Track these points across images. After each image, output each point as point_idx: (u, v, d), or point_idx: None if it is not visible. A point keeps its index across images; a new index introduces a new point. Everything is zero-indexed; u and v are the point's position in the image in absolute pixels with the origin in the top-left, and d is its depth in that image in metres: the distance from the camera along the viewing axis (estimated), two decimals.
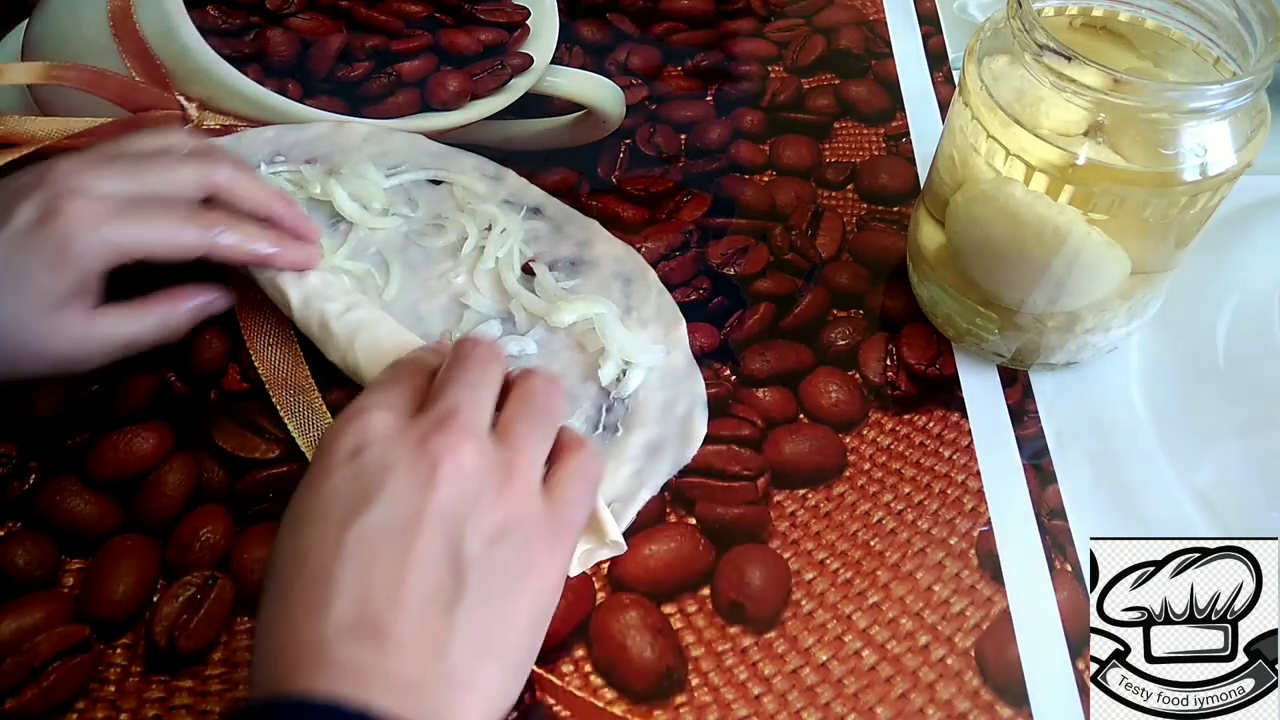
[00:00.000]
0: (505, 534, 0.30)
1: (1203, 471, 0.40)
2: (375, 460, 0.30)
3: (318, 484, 0.30)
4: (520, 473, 0.31)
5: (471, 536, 0.29)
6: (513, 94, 0.54)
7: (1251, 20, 0.34)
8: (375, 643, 0.27)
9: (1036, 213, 0.36)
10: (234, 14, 0.57)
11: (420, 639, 0.27)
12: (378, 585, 0.28)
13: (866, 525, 0.39)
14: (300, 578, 0.28)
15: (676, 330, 0.43)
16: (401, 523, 0.29)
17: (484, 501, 0.30)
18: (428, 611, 0.28)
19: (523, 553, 0.30)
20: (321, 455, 0.31)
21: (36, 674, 0.34)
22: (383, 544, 0.28)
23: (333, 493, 0.29)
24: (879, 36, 0.58)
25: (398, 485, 0.29)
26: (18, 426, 0.40)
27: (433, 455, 0.30)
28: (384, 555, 0.28)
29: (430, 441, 0.30)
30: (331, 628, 0.27)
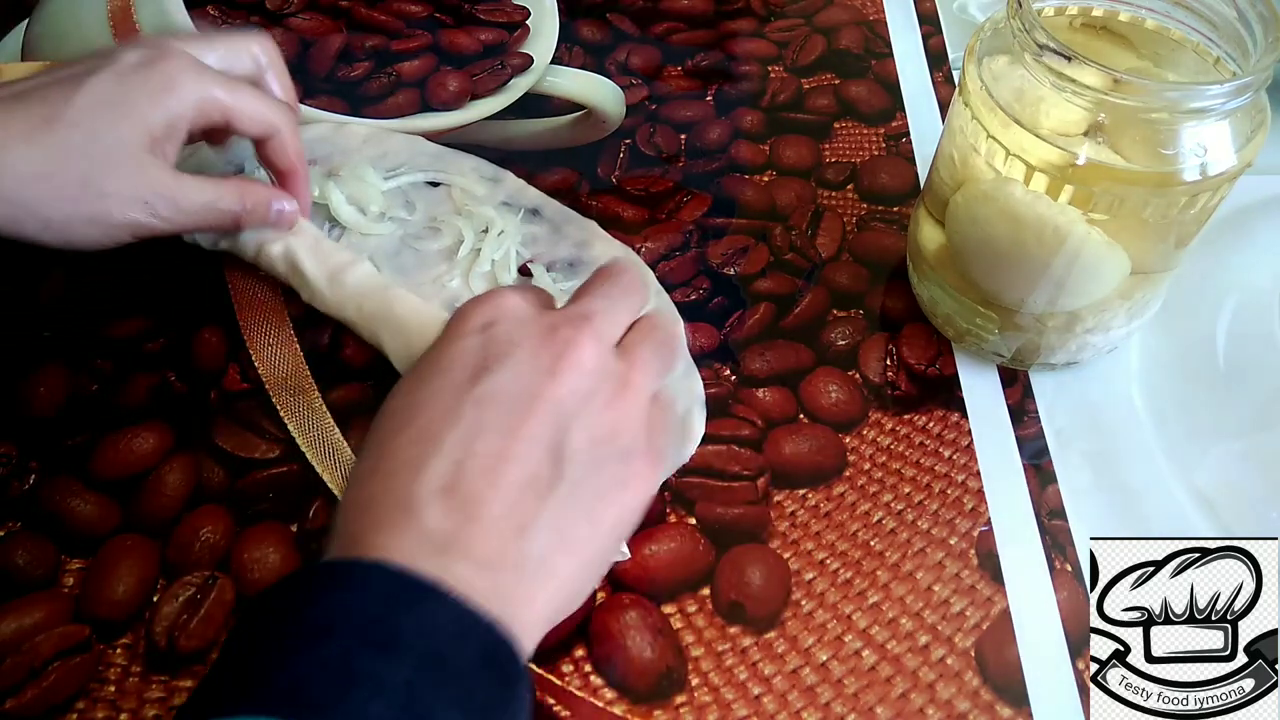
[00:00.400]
0: (609, 440, 0.30)
1: (1203, 471, 0.40)
2: (504, 334, 0.31)
3: (444, 346, 0.31)
4: (634, 388, 0.32)
5: (578, 432, 0.30)
6: (513, 94, 0.54)
7: (1251, 20, 0.34)
8: (465, 513, 0.28)
9: (1036, 213, 0.36)
10: (234, 14, 0.57)
11: (507, 519, 0.28)
12: (480, 455, 0.28)
13: (866, 525, 0.39)
14: (406, 430, 0.29)
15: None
16: (517, 398, 0.29)
17: (596, 403, 0.30)
18: (520, 494, 0.28)
19: (621, 463, 0.31)
20: (453, 323, 0.32)
21: (36, 674, 0.34)
22: (495, 414, 0.29)
23: (458, 355, 0.31)
24: (879, 36, 0.58)
25: (521, 362, 0.30)
26: (18, 426, 0.40)
27: (560, 344, 0.31)
28: (492, 426, 0.29)
29: (560, 332, 0.31)
30: (425, 488, 0.28)
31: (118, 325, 0.43)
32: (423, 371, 0.31)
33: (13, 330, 0.43)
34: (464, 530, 0.27)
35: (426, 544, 0.27)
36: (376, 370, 0.42)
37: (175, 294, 0.45)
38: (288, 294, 0.45)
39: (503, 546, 0.28)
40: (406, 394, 0.31)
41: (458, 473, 0.28)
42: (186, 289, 0.45)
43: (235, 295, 0.44)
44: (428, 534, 0.27)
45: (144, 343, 0.43)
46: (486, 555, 0.28)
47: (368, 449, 0.30)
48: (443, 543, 0.27)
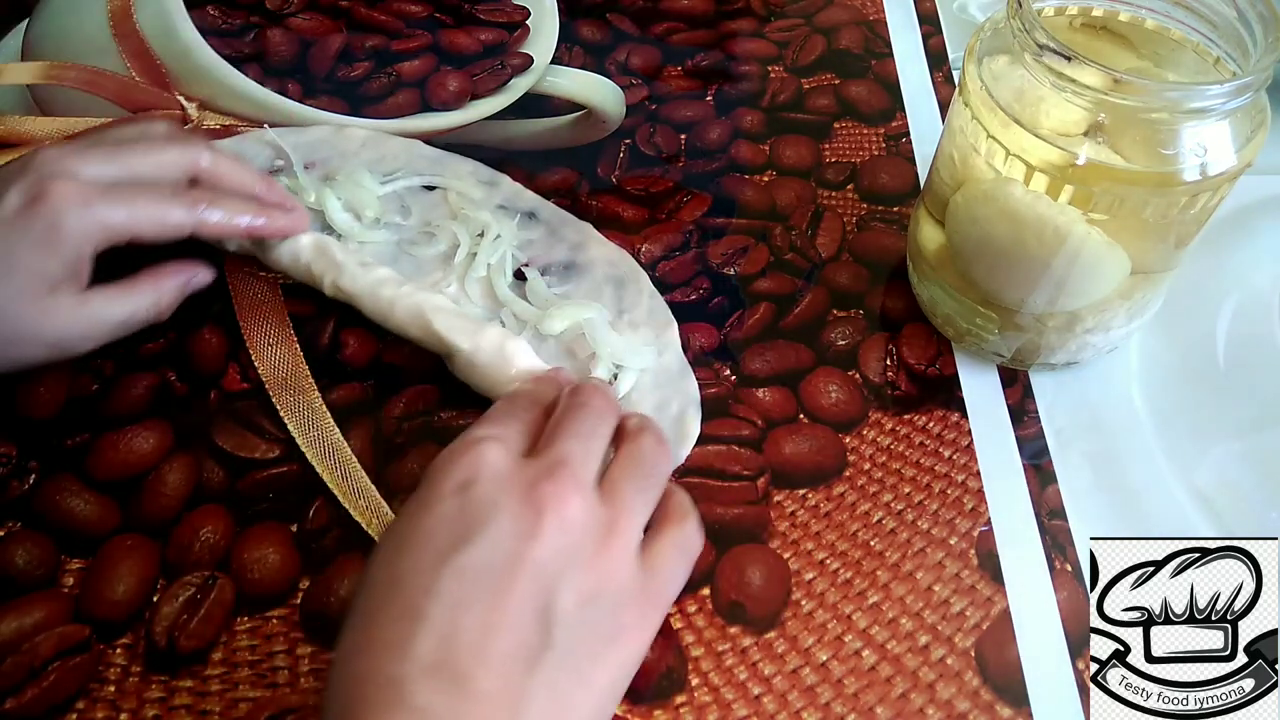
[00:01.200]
0: (598, 596, 0.29)
1: (1203, 471, 0.40)
2: (483, 497, 0.30)
3: (423, 511, 0.30)
4: (621, 535, 0.31)
5: (565, 593, 0.29)
6: (513, 94, 0.54)
7: (1251, 20, 0.34)
8: (455, 690, 0.27)
9: (1036, 213, 0.36)
10: (234, 14, 0.57)
11: (500, 692, 0.27)
12: (466, 628, 0.27)
13: (866, 525, 0.39)
14: (390, 607, 0.28)
15: (668, 332, 0.43)
16: (500, 565, 0.28)
17: (582, 559, 0.29)
18: (511, 665, 0.27)
19: (613, 618, 0.30)
20: (431, 482, 0.31)
21: (36, 674, 0.34)
22: (478, 585, 0.28)
23: (437, 523, 0.29)
24: (879, 36, 0.58)
25: (502, 526, 0.29)
26: (18, 426, 0.40)
27: (540, 502, 0.29)
28: (477, 597, 0.28)
29: (539, 488, 0.30)
30: (413, 666, 0.27)
31: None
32: (401, 539, 0.30)
33: None
34: (455, 709, 0.27)
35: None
36: (377, 370, 0.42)
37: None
38: (288, 294, 0.45)
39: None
40: (386, 565, 0.30)
41: (444, 649, 0.27)
42: None
43: (235, 295, 0.44)
44: (419, 715, 0.26)
45: (144, 343, 0.43)
46: None
47: (352, 622, 0.29)
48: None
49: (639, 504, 0.32)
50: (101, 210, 0.37)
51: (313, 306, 0.44)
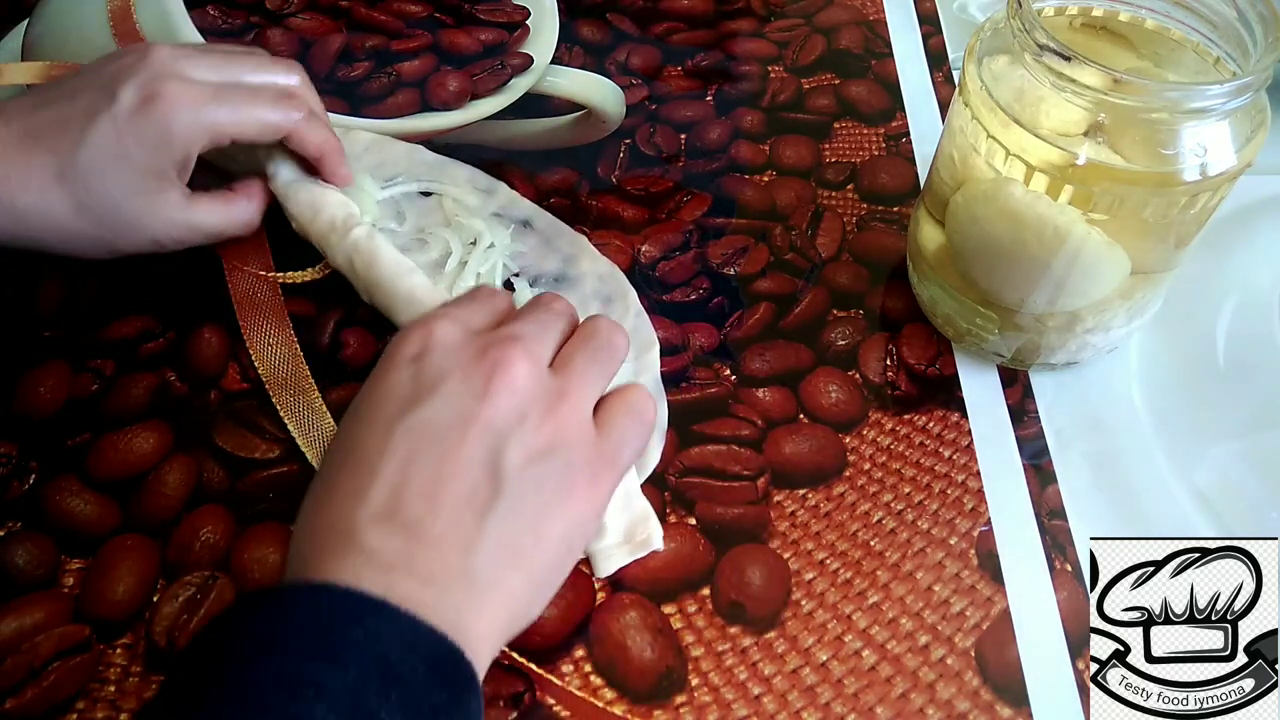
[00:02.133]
0: (549, 454, 0.31)
1: (1203, 471, 0.40)
2: (434, 364, 0.31)
3: (378, 382, 0.32)
4: (571, 400, 0.32)
5: (514, 450, 0.30)
6: (513, 94, 0.54)
7: (1251, 20, 0.34)
8: (405, 534, 0.28)
9: (1036, 213, 0.36)
10: (234, 14, 0.57)
11: (449, 536, 0.29)
12: (416, 479, 0.29)
13: (866, 525, 0.39)
14: (345, 466, 0.30)
15: (649, 354, 0.42)
16: (449, 423, 0.30)
17: (531, 419, 0.31)
18: (461, 512, 0.29)
19: (564, 475, 0.31)
20: (386, 356, 0.32)
21: (36, 674, 0.34)
22: (427, 442, 0.30)
23: (390, 389, 0.31)
24: (879, 36, 0.58)
25: (451, 389, 0.30)
26: (18, 426, 0.40)
27: (489, 366, 0.31)
28: (427, 453, 0.29)
29: (489, 353, 0.31)
30: (366, 515, 0.28)
31: (118, 325, 0.43)
32: (358, 407, 0.32)
33: (13, 330, 0.43)
34: (407, 550, 0.28)
35: (371, 566, 0.28)
36: None
37: (175, 294, 0.45)
38: (288, 294, 0.45)
39: (447, 563, 0.28)
40: (345, 432, 0.32)
41: (396, 498, 0.29)
42: (186, 289, 0.45)
43: (235, 295, 0.45)
44: (371, 556, 0.28)
45: (144, 343, 0.43)
46: (431, 572, 0.28)
47: (313, 485, 0.31)
48: (387, 563, 0.28)
49: (591, 375, 0.33)
50: (209, 112, 0.39)
51: (313, 306, 0.44)
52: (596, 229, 0.48)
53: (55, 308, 0.44)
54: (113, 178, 0.39)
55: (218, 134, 0.40)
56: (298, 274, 0.45)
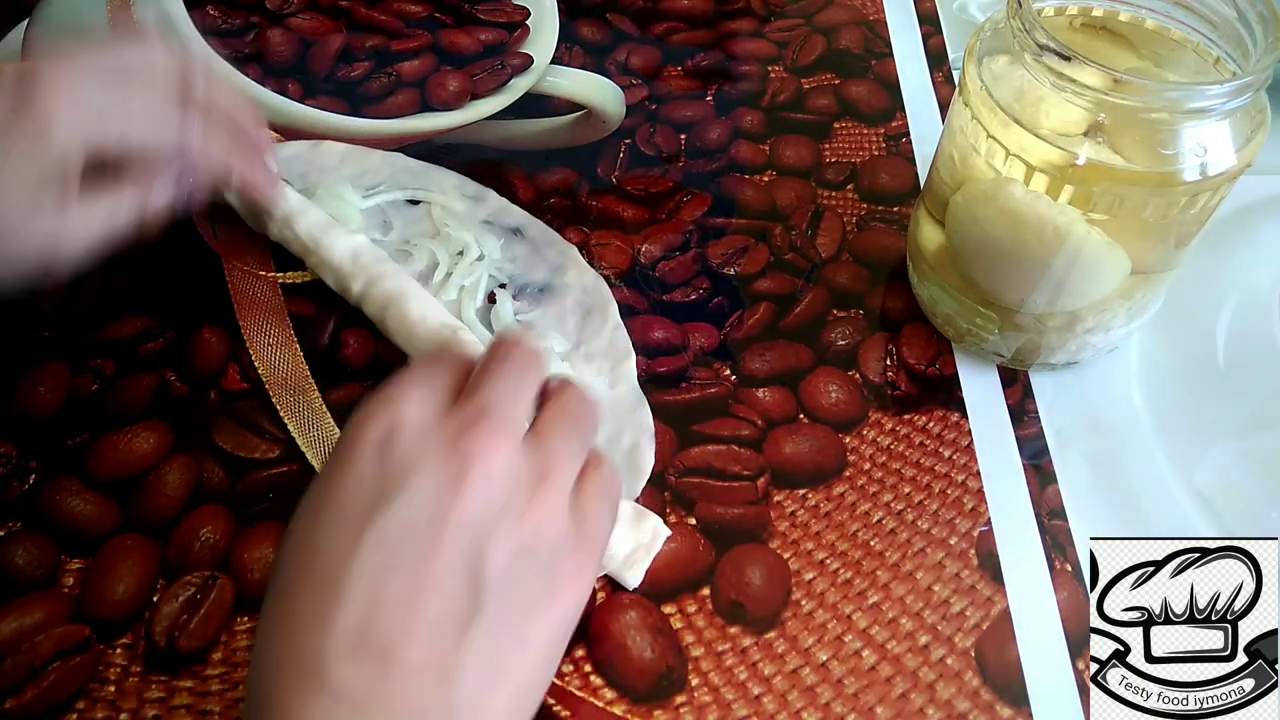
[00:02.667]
0: (530, 550, 0.28)
1: (1203, 471, 0.40)
2: (402, 454, 0.28)
3: (340, 473, 0.28)
4: (551, 486, 0.29)
5: (494, 551, 0.27)
6: (513, 94, 0.54)
7: (1251, 20, 0.34)
8: (379, 665, 0.25)
9: (1036, 213, 0.36)
10: (234, 14, 0.57)
11: (428, 664, 0.26)
12: (389, 599, 0.26)
13: (866, 525, 0.39)
14: (309, 578, 0.27)
15: (625, 364, 0.42)
16: (422, 527, 0.27)
17: (511, 513, 0.28)
18: (439, 634, 0.26)
19: (547, 572, 0.28)
20: (347, 442, 0.29)
21: (36, 674, 0.34)
22: (400, 549, 0.26)
23: (354, 485, 0.28)
24: (879, 36, 0.58)
25: (423, 484, 0.27)
26: (18, 426, 0.40)
27: (464, 455, 0.27)
28: (399, 563, 0.26)
29: (462, 440, 0.28)
30: (335, 642, 0.25)
31: (118, 325, 0.43)
32: (316, 506, 0.28)
33: (13, 330, 0.43)
34: (380, 687, 0.25)
35: (341, 706, 0.25)
36: (376, 370, 0.42)
37: (175, 294, 0.45)
38: (288, 294, 0.45)
39: (427, 696, 0.26)
40: (304, 534, 0.28)
41: (366, 622, 0.26)
42: (186, 289, 0.45)
43: (235, 295, 0.45)
44: (340, 695, 0.25)
45: (144, 343, 0.43)
46: (409, 708, 0.25)
47: (271, 596, 0.28)
48: (358, 702, 0.25)
49: (569, 454, 0.30)
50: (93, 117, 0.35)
51: (313, 306, 0.44)
52: (596, 229, 0.48)
53: (55, 308, 0.44)
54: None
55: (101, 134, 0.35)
56: (298, 274, 0.45)
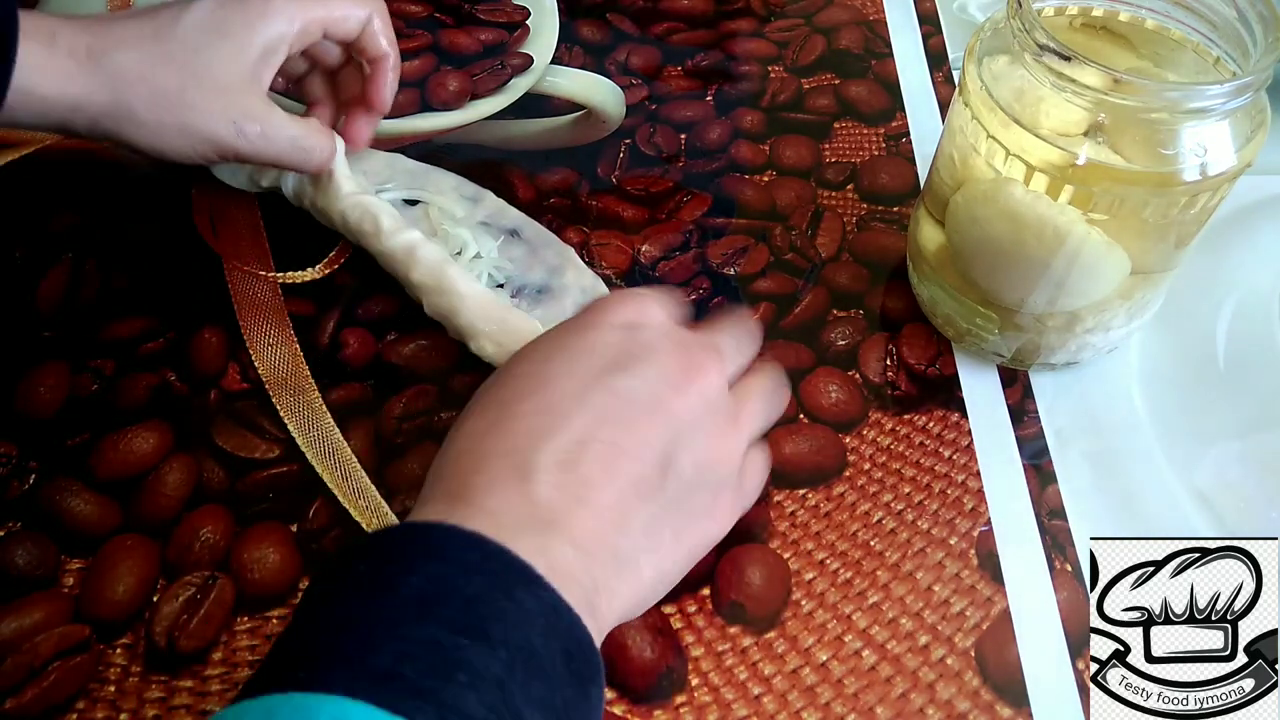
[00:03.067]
0: (709, 467, 0.31)
1: (1203, 471, 0.40)
2: (646, 339, 0.32)
3: (586, 331, 0.32)
4: (740, 427, 0.33)
5: (685, 451, 0.30)
6: (513, 94, 0.54)
7: (1251, 20, 0.34)
8: (576, 492, 0.28)
9: (1036, 213, 0.36)
10: None
11: (612, 509, 0.29)
12: (602, 441, 0.29)
13: (866, 525, 0.39)
14: (533, 398, 0.30)
15: None
16: (646, 400, 0.30)
17: (707, 429, 0.31)
18: (629, 490, 0.29)
19: (714, 495, 0.32)
20: (597, 311, 0.33)
21: (36, 674, 0.34)
22: (623, 409, 0.30)
23: (599, 344, 0.31)
24: (879, 36, 0.58)
25: (657, 368, 0.31)
26: (18, 426, 0.40)
27: (692, 365, 0.31)
28: (618, 418, 0.30)
29: (693, 353, 0.32)
30: (546, 457, 0.28)
31: (118, 325, 0.43)
32: (560, 348, 0.32)
33: (13, 330, 0.43)
34: (572, 510, 0.28)
35: (534, 515, 0.28)
36: (376, 370, 0.43)
37: (175, 294, 0.45)
38: (288, 294, 0.45)
39: (602, 535, 0.28)
40: (539, 362, 0.31)
41: (578, 452, 0.29)
42: (186, 289, 0.45)
43: (235, 295, 0.45)
44: (538, 504, 0.28)
45: (144, 343, 0.43)
46: (586, 540, 0.28)
47: (483, 405, 0.31)
48: (549, 518, 0.28)
49: (760, 413, 0.34)
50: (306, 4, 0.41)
51: (313, 306, 0.44)
52: (596, 229, 0.48)
53: (55, 308, 0.44)
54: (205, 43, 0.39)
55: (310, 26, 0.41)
56: (298, 274, 0.45)
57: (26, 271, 0.45)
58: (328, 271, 0.45)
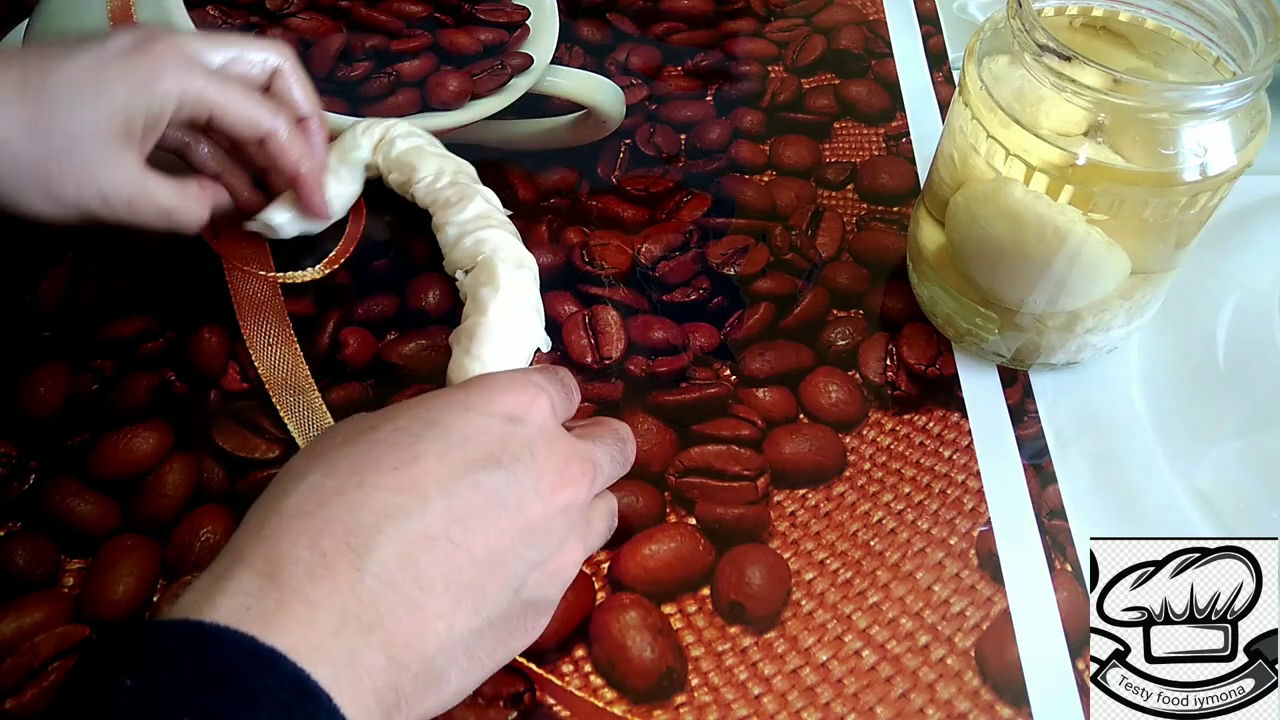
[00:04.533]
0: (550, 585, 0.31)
1: (1203, 471, 0.40)
2: (526, 437, 0.30)
3: (468, 413, 0.30)
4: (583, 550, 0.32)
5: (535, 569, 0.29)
6: (513, 94, 0.54)
7: (1251, 20, 0.34)
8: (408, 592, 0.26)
9: (1036, 213, 0.36)
10: (234, 14, 0.57)
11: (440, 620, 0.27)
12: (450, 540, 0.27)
13: (866, 525, 0.39)
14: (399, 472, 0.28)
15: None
16: (510, 504, 0.29)
17: (560, 546, 0.30)
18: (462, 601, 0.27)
19: (541, 612, 0.31)
20: (482, 396, 0.31)
21: (36, 674, 0.34)
22: (483, 509, 0.28)
23: (479, 432, 0.29)
24: (879, 36, 0.58)
25: (530, 473, 0.29)
26: (18, 426, 0.40)
27: (568, 476, 0.31)
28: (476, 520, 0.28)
29: (570, 464, 0.31)
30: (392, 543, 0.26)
31: (118, 325, 0.43)
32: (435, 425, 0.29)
33: (13, 330, 0.43)
34: (398, 614, 0.26)
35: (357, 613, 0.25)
36: (377, 370, 0.42)
37: (175, 294, 0.45)
38: (288, 294, 0.45)
39: (421, 646, 0.26)
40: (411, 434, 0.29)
41: (424, 547, 0.27)
42: (186, 289, 0.45)
43: (235, 295, 0.45)
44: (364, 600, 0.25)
45: (144, 343, 0.43)
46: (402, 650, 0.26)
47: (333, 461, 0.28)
48: (371, 619, 0.25)
49: (601, 535, 0.34)
50: (200, 76, 0.38)
51: (313, 306, 0.44)
52: (596, 229, 0.48)
53: (55, 308, 0.44)
54: (79, 103, 0.36)
55: (198, 104, 0.38)
56: (298, 274, 0.45)
57: (26, 271, 0.45)
58: (328, 271, 0.45)
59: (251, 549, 0.26)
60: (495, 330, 0.40)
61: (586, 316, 0.44)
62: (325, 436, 0.30)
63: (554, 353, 0.43)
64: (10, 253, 0.46)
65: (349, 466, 0.28)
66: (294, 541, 0.26)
